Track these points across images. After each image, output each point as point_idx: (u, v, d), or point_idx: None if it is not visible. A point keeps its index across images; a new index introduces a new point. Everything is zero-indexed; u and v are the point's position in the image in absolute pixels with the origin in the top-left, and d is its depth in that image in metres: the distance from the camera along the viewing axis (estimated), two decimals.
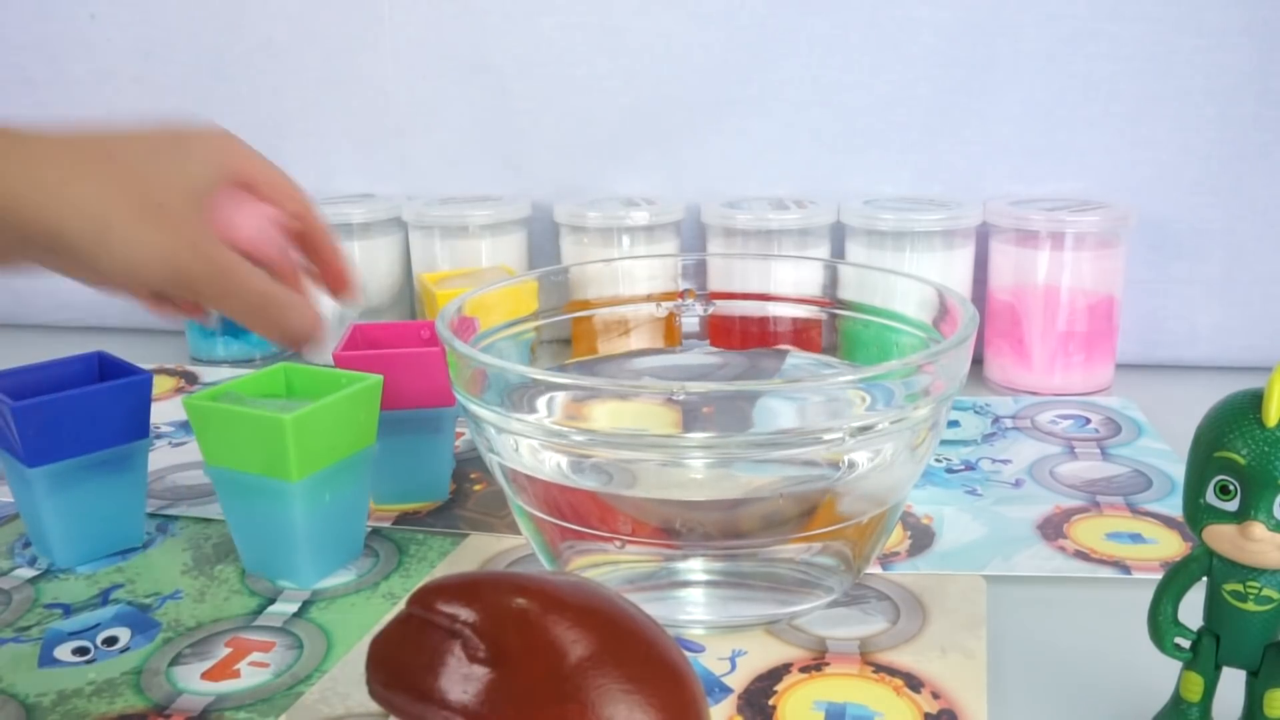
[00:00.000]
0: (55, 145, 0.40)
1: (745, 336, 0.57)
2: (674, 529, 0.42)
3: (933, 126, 0.74)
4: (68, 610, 0.46)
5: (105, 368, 0.52)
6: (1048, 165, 0.74)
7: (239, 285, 0.43)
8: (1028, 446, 0.62)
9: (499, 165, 0.81)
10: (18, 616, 0.45)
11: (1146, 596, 0.35)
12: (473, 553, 0.50)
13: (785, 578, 0.43)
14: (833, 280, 0.54)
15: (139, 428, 0.50)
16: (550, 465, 0.42)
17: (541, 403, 0.40)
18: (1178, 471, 0.57)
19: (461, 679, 0.26)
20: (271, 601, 0.46)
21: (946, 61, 0.73)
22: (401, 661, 0.28)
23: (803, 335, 0.55)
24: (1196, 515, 0.32)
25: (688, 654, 0.40)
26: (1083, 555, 0.49)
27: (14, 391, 0.47)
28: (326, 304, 0.50)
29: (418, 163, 0.83)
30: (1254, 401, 0.31)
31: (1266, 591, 0.32)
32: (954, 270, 0.72)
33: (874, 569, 0.47)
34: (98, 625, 0.45)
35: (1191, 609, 0.34)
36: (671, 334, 0.57)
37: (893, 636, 0.43)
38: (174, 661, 0.42)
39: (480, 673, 0.26)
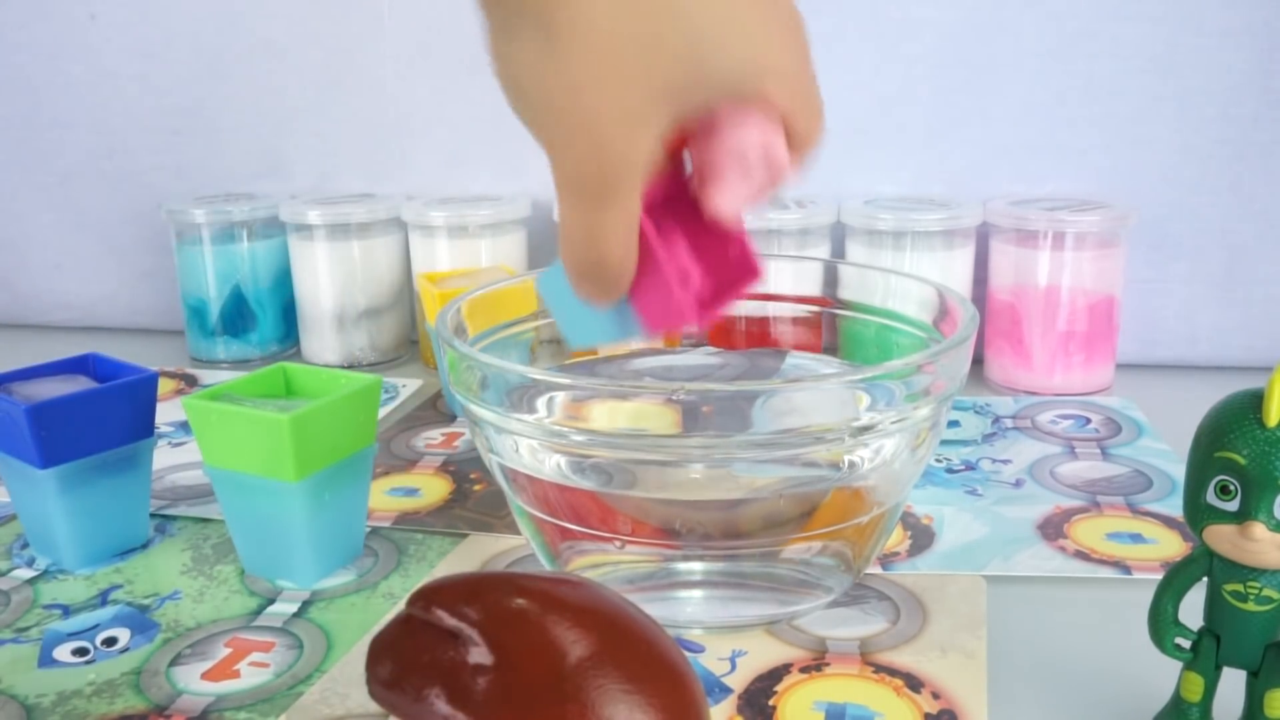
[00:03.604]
0: None
1: (745, 336, 0.57)
2: (674, 529, 0.42)
3: (933, 126, 0.74)
4: (66, 611, 0.46)
5: (98, 368, 0.52)
6: (1048, 165, 0.74)
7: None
8: (1028, 446, 0.62)
9: (499, 165, 0.81)
10: (17, 617, 0.45)
11: (1146, 596, 0.35)
12: (473, 553, 0.50)
13: (785, 578, 0.43)
14: (833, 280, 0.54)
15: (145, 427, 0.50)
16: (550, 465, 0.42)
17: (541, 403, 0.40)
18: (1178, 471, 0.57)
19: (461, 679, 0.26)
20: (271, 602, 0.46)
21: (946, 61, 0.73)
22: (401, 661, 0.28)
23: (803, 335, 0.55)
24: (1197, 515, 0.32)
25: (688, 654, 0.40)
26: (1083, 555, 0.49)
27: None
28: None
29: (418, 163, 0.82)
30: (1254, 401, 0.31)
31: (1267, 591, 0.32)
32: (954, 270, 0.72)
33: (874, 569, 0.47)
34: (97, 626, 0.45)
35: (1192, 609, 0.34)
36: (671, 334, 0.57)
37: (893, 636, 0.43)
38: (174, 662, 0.42)
39: (480, 673, 0.26)
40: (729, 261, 0.39)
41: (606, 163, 0.33)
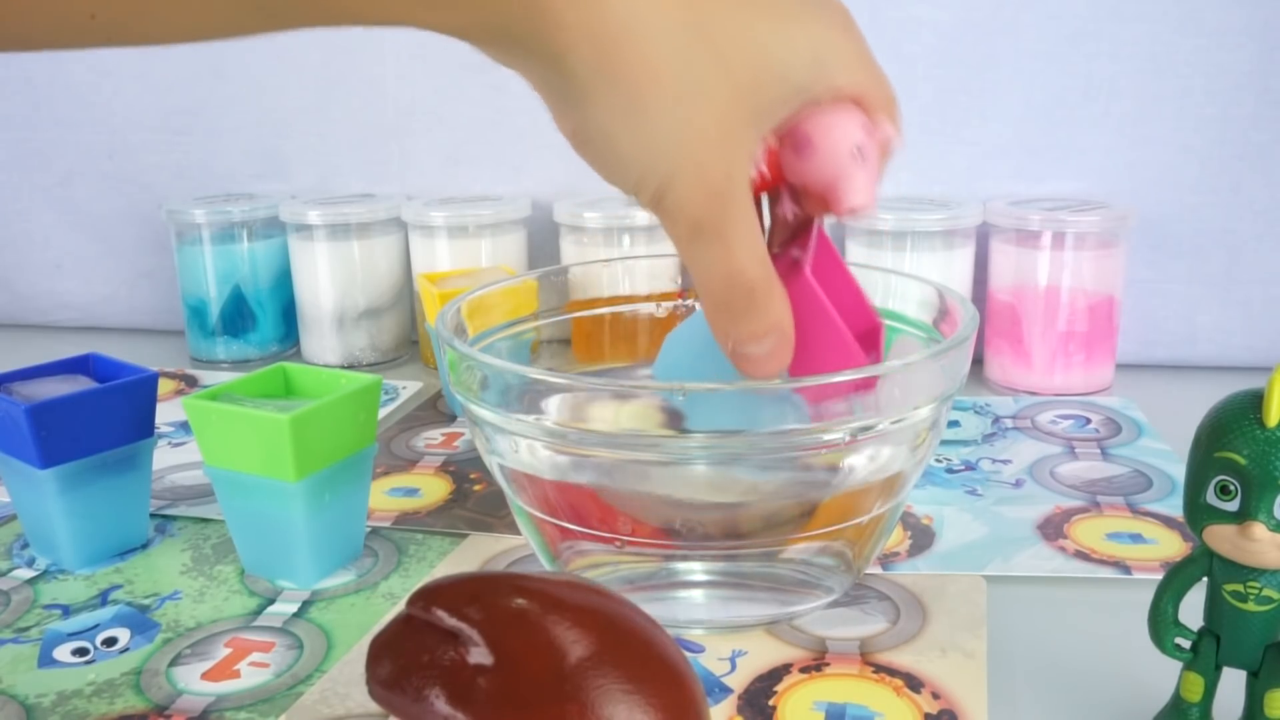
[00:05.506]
0: None
1: None
2: (674, 529, 0.42)
3: (933, 126, 0.74)
4: (66, 611, 0.46)
5: (98, 368, 0.52)
6: (1048, 165, 0.74)
7: (723, 257, 0.35)
8: (1028, 446, 0.62)
9: (499, 165, 0.81)
10: (17, 617, 0.45)
11: (1146, 596, 0.35)
12: (473, 553, 0.50)
13: (785, 578, 0.43)
14: None
15: (145, 427, 0.50)
16: (550, 465, 0.42)
17: (541, 403, 0.40)
18: (1178, 471, 0.57)
19: (461, 679, 0.26)
20: (271, 602, 0.46)
21: (946, 61, 0.73)
22: (401, 662, 0.27)
23: None
24: (1197, 515, 0.32)
25: (688, 654, 0.40)
26: (1083, 555, 0.49)
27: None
28: None
29: (418, 163, 0.83)
30: (1254, 401, 0.31)
31: (1267, 592, 0.32)
32: (954, 270, 0.72)
33: (874, 569, 0.47)
34: (97, 626, 0.45)
35: (1192, 609, 0.34)
36: None
37: (893, 636, 0.43)
38: (174, 662, 0.42)
39: (480, 673, 0.26)
40: (851, 310, 0.41)
41: (713, 189, 0.34)
